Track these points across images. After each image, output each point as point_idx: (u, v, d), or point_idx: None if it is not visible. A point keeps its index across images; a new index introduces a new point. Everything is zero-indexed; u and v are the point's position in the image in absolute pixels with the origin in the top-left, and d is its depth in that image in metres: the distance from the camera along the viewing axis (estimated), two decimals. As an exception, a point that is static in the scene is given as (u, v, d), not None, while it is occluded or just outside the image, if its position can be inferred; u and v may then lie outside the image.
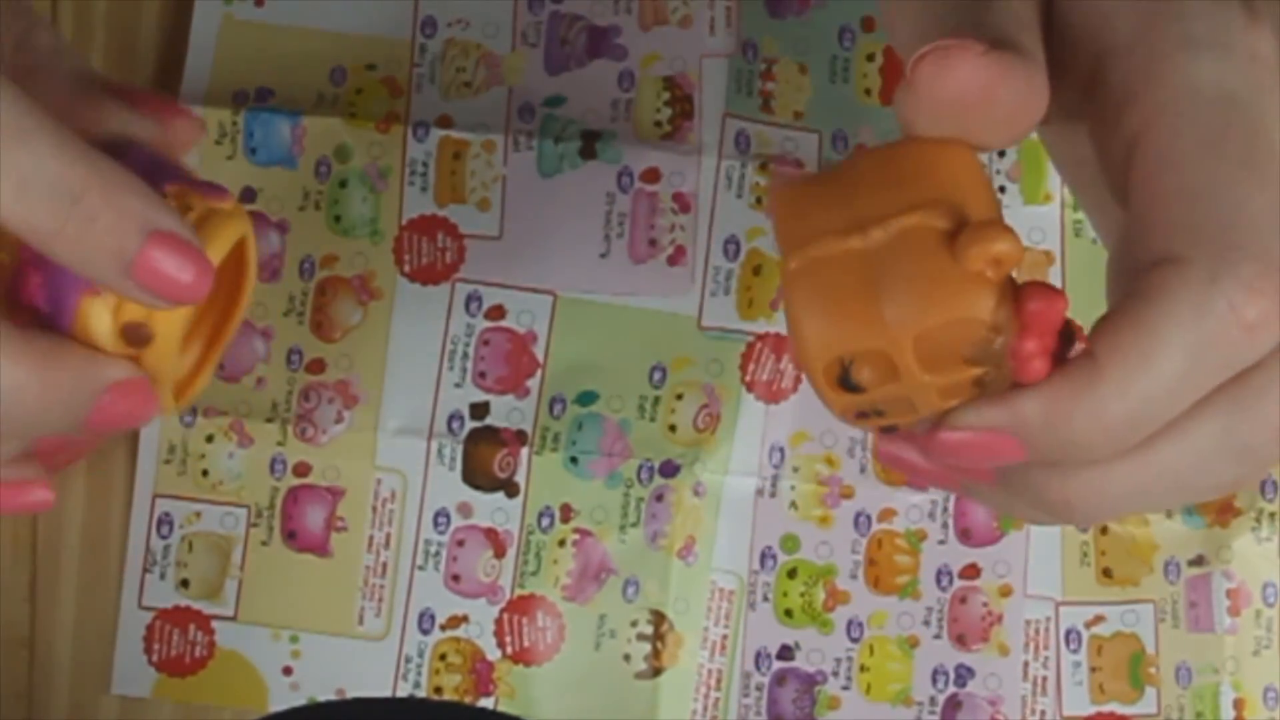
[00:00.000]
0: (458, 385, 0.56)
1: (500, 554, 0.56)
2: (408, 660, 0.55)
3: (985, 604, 0.56)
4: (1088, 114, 0.38)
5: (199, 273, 0.36)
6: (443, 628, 0.55)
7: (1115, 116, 0.37)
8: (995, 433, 0.36)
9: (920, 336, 0.35)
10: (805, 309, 0.35)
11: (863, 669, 0.56)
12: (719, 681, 0.56)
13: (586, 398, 0.56)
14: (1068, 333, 0.36)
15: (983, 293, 0.34)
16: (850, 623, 0.56)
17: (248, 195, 0.56)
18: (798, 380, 0.56)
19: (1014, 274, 0.35)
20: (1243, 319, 0.34)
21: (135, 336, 0.37)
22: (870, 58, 0.58)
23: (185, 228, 0.36)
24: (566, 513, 0.56)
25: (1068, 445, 0.36)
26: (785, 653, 0.56)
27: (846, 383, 0.36)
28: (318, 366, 0.56)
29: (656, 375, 0.56)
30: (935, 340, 0.35)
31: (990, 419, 0.36)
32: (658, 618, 0.55)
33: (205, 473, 0.56)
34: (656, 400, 0.56)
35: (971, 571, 0.56)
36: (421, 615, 0.55)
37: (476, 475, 0.56)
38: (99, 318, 0.37)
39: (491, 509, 0.56)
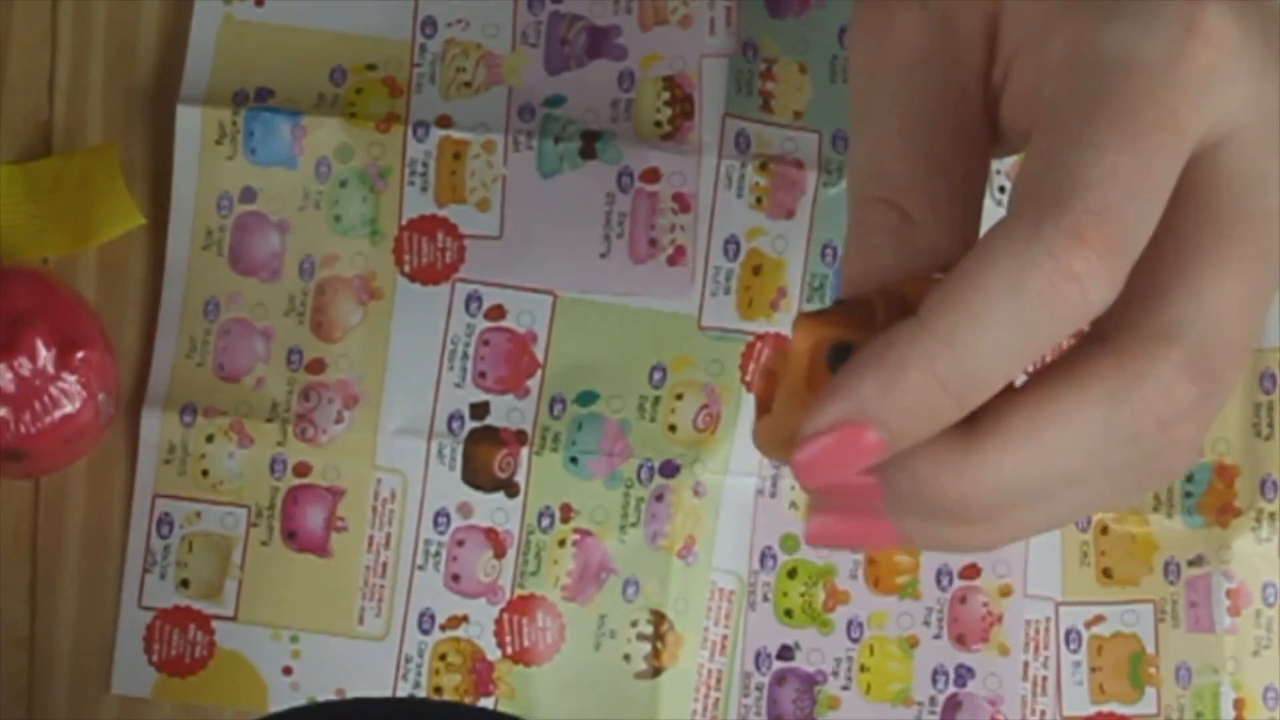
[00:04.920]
0: (458, 385, 0.56)
1: (500, 554, 0.56)
2: (408, 660, 0.55)
3: (985, 604, 0.56)
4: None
5: None
6: (443, 628, 0.55)
7: (1035, 95, 0.37)
8: (844, 428, 0.35)
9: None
10: None
11: (863, 669, 0.56)
12: (719, 681, 0.56)
13: (586, 398, 0.56)
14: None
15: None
16: (850, 623, 0.56)
17: (248, 195, 0.56)
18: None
19: None
20: (1066, 268, 0.33)
21: None
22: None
23: None
24: (566, 513, 0.56)
25: (909, 411, 0.34)
26: (785, 653, 0.56)
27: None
28: (318, 366, 0.56)
29: (656, 375, 0.56)
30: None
31: (830, 412, 0.35)
32: (658, 618, 0.55)
33: (205, 473, 0.56)
34: (656, 400, 0.56)
35: (971, 571, 0.56)
36: (421, 615, 0.55)
37: (476, 475, 0.56)
38: None
39: (491, 509, 0.56)
